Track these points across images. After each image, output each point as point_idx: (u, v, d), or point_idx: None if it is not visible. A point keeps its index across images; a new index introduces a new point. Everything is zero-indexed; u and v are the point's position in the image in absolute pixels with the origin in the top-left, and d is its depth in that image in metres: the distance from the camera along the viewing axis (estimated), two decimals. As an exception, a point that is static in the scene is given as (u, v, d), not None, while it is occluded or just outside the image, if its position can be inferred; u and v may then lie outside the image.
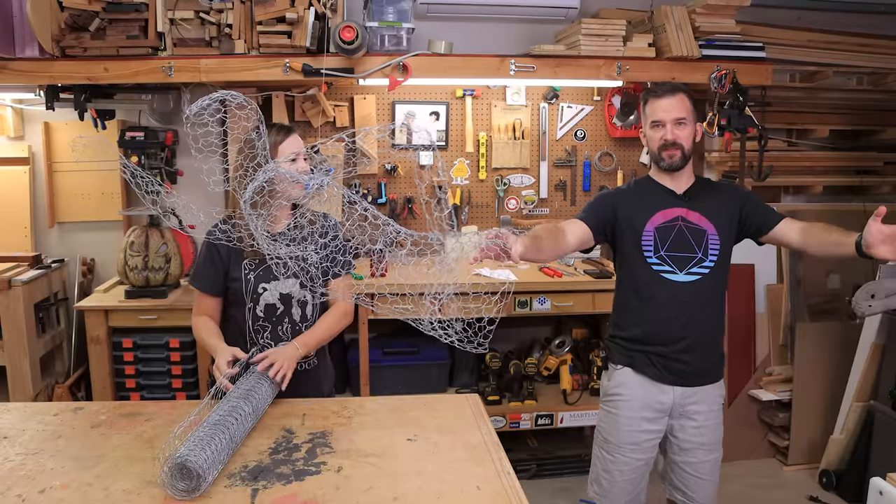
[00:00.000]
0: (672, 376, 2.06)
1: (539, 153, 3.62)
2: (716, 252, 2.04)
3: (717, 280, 2.06)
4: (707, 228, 2.05)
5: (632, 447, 2.10)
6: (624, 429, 2.11)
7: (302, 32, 2.83)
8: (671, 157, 2.06)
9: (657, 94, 2.07)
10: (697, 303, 2.04)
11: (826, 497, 3.16)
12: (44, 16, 2.70)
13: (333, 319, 2.02)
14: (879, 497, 1.58)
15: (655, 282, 2.04)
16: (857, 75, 3.59)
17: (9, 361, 3.03)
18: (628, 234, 2.09)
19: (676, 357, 2.04)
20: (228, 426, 1.48)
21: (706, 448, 2.11)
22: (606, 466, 2.15)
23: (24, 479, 1.41)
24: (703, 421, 2.10)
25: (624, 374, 2.12)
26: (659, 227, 2.06)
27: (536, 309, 3.13)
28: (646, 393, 2.08)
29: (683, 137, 2.05)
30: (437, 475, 1.46)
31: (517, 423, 3.25)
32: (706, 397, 2.10)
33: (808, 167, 3.65)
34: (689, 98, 2.08)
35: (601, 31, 3.01)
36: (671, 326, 2.04)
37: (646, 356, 2.08)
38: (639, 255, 2.06)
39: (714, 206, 2.08)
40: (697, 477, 2.12)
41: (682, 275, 2.03)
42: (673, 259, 2.04)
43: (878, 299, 2.92)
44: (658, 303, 2.05)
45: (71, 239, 3.45)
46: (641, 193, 2.14)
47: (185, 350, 3.05)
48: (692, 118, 2.08)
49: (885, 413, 3.03)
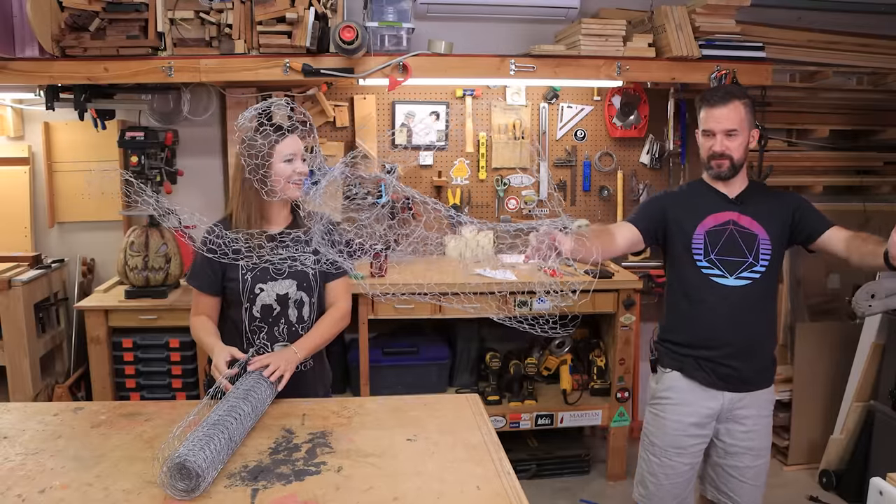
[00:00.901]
0: (721, 381, 2.04)
1: (539, 153, 3.62)
2: (767, 257, 2.03)
3: (767, 285, 2.04)
4: (759, 233, 2.04)
5: (678, 451, 2.09)
6: (671, 433, 2.10)
7: (302, 32, 2.83)
8: (719, 167, 2.05)
9: (710, 103, 2.03)
10: (747, 307, 2.02)
11: (826, 497, 3.16)
12: (44, 16, 2.70)
13: (330, 322, 2.01)
14: (879, 497, 1.58)
15: (705, 285, 2.03)
16: (857, 75, 3.59)
17: (9, 361, 3.03)
18: (678, 237, 2.08)
19: (725, 362, 2.03)
20: (227, 426, 1.48)
21: (753, 453, 2.09)
22: (652, 469, 2.14)
23: (24, 479, 1.41)
24: (752, 426, 2.08)
25: (672, 378, 2.11)
26: (710, 230, 2.05)
27: (536, 309, 3.13)
28: (694, 398, 2.07)
29: (733, 148, 2.02)
30: (437, 475, 1.46)
31: (517, 423, 3.25)
32: (756, 402, 2.08)
33: (808, 167, 3.65)
34: (745, 104, 2.02)
35: (601, 31, 3.01)
36: (721, 331, 2.02)
37: (695, 360, 2.06)
38: (689, 259, 2.05)
39: (766, 211, 2.06)
40: (743, 482, 2.10)
41: (732, 279, 2.02)
42: (723, 263, 2.03)
43: (878, 299, 2.91)
44: (708, 307, 2.03)
45: (71, 239, 3.45)
46: (693, 196, 2.12)
47: (185, 350, 3.05)
48: (746, 127, 2.03)
49: (885, 413, 3.02)
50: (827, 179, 3.66)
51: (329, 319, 2.01)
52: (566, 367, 3.39)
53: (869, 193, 3.77)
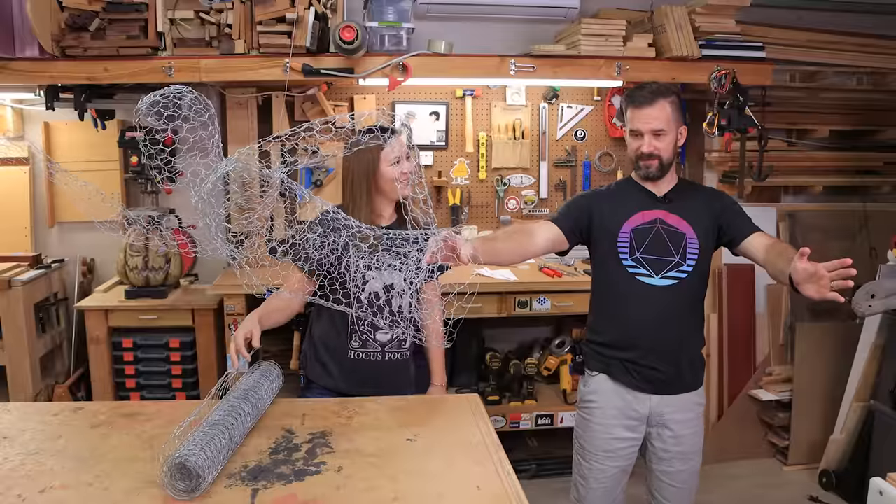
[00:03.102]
0: (647, 384, 1.99)
1: (539, 153, 3.62)
2: (695, 256, 1.97)
3: (694, 285, 1.99)
4: (686, 232, 1.98)
5: (607, 454, 2.05)
6: (599, 436, 2.05)
7: (302, 32, 2.83)
8: (647, 168, 1.99)
9: (637, 103, 1.97)
10: (674, 308, 1.97)
11: (826, 497, 3.16)
12: (44, 16, 2.70)
13: (438, 346, 2.13)
14: (879, 497, 1.58)
15: (631, 285, 1.98)
16: (857, 75, 3.58)
17: (9, 361, 3.03)
18: (604, 236, 2.02)
19: (651, 364, 1.98)
20: (228, 426, 1.48)
21: (683, 457, 2.05)
22: (582, 473, 2.10)
23: (24, 479, 1.41)
24: (681, 430, 2.03)
25: (599, 382, 2.06)
26: (636, 228, 1.99)
27: (536, 309, 3.13)
28: (621, 401, 2.02)
29: (662, 148, 1.96)
30: (437, 475, 1.46)
31: (517, 423, 3.25)
32: (684, 406, 2.03)
33: (808, 167, 3.65)
34: (671, 102, 1.97)
35: (601, 31, 3.00)
36: (646, 332, 1.97)
37: (621, 363, 2.01)
38: (614, 258, 2.00)
39: (695, 210, 2.01)
40: (672, 486, 2.07)
41: (658, 278, 1.96)
42: (649, 262, 1.97)
43: (878, 299, 2.91)
44: (633, 307, 1.98)
45: (71, 239, 3.44)
46: (620, 194, 2.07)
47: (185, 350, 3.05)
48: (674, 125, 1.98)
49: (885, 413, 3.02)
50: (827, 179, 3.66)
51: (439, 335, 2.10)
52: (566, 367, 3.39)
53: (869, 193, 3.77)
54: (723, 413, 3.54)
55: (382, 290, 1.97)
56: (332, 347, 2.03)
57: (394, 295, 1.98)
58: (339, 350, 2.01)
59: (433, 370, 2.17)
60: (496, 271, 3.16)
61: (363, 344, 2.00)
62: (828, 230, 3.66)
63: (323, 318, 2.05)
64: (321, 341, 2.06)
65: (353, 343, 2.00)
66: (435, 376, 2.17)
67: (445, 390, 2.19)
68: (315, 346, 2.08)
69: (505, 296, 3.13)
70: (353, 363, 2.01)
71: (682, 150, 3.61)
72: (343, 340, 2.01)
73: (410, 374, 2.15)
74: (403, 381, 2.09)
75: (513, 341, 3.68)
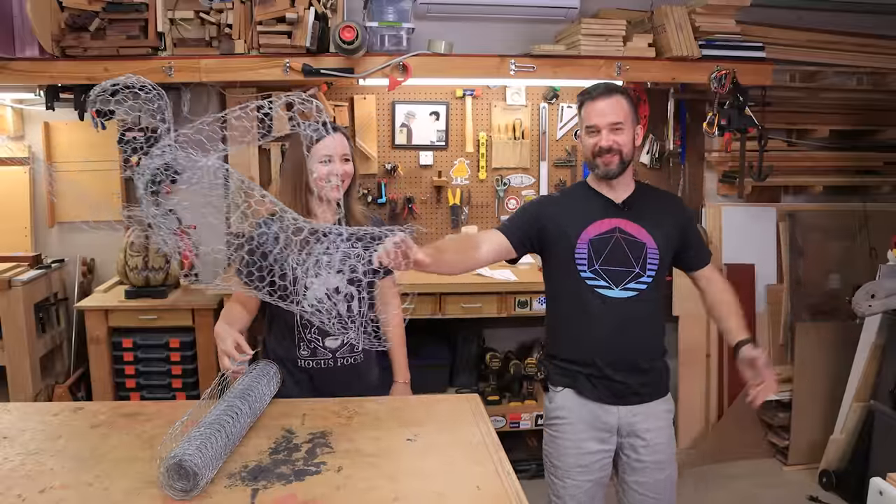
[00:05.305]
0: (613, 396, 1.94)
1: (539, 153, 3.62)
2: (654, 267, 1.92)
3: (654, 296, 1.95)
4: (646, 241, 1.92)
5: (580, 469, 1.98)
6: (571, 452, 1.98)
7: (302, 32, 2.83)
8: (607, 164, 1.91)
9: (592, 97, 1.91)
10: (635, 319, 1.92)
11: (826, 497, 3.16)
12: (44, 16, 2.70)
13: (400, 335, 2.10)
14: (879, 497, 1.58)
15: (590, 298, 1.91)
16: (857, 75, 3.59)
17: (9, 361, 3.03)
18: (560, 246, 1.94)
19: (616, 377, 1.92)
20: (225, 425, 1.47)
21: (658, 466, 1.98)
22: (557, 492, 2.03)
23: (24, 479, 1.41)
24: (653, 438, 1.96)
25: (565, 396, 1.99)
26: (594, 238, 1.92)
27: (536, 309, 3.13)
28: (589, 414, 1.96)
29: (621, 143, 1.89)
30: (437, 475, 1.46)
31: (517, 423, 3.25)
32: (652, 414, 1.97)
33: (808, 167, 3.65)
34: (627, 99, 1.93)
35: (601, 31, 3.01)
36: (609, 345, 1.91)
37: (585, 377, 1.95)
38: (572, 269, 1.92)
39: (655, 218, 1.95)
40: (651, 497, 2.00)
41: (618, 290, 1.91)
42: (609, 273, 1.91)
43: (878, 299, 2.92)
44: (594, 320, 1.91)
45: (71, 239, 3.44)
46: (576, 202, 1.99)
47: (185, 350, 3.05)
48: (631, 122, 1.92)
49: (885, 413, 3.02)
50: (827, 179, 3.66)
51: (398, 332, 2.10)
52: (566, 367, 3.39)
53: (869, 193, 3.77)
54: (723, 413, 3.55)
55: (325, 295, 1.90)
56: (282, 358, 1.95)
57: (339, 301, 1.93)
58: (289, 360, 1.95)
59: (395, 368, 2.12)
60: (496, 271, 3.16)
61: (312, 352, 1.95)
62: (828, 230, 3.66)
63: (273, 328, 2.00)
64: (273, 352, 2.00)
65: (303, 352, 1.94)
66: (398, 374, 2.11)
67: (409, 387, 2.11)
68: (268, 356, 2.01)
69: (505, 296, 3.13)
70: (303, 372, 1.96)
71: (682, 150, 3.61)
72: (291, 350, 1.94)
73: (374, 377, 2.09)
74: (364, 385, 2.01)
75: (513, 341, 3.68)
